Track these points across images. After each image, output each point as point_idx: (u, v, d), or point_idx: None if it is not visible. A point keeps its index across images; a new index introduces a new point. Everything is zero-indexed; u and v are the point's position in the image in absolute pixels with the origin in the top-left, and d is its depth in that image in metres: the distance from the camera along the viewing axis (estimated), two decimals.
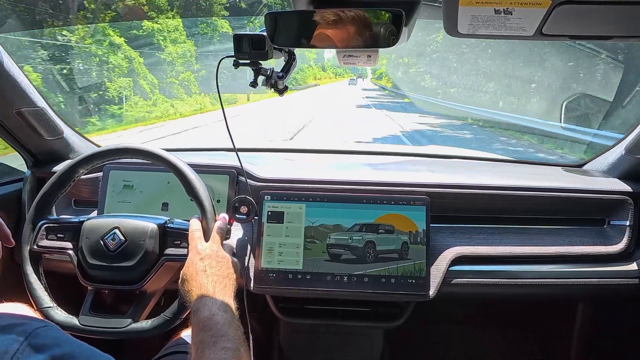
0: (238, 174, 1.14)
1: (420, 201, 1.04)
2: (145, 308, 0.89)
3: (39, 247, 0.89)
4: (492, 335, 1.61)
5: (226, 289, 0.77)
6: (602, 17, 0.57)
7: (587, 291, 1.09)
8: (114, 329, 0.84)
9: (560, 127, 6.72)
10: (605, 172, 1.25)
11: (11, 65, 1.01)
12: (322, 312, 1.13)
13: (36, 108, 1.10)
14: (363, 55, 0.80)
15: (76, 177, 0.94)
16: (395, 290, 1.00)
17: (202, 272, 0.77)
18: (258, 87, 0.96)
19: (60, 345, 0.48)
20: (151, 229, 0.88)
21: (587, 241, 1.09)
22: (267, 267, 1.02)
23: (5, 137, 1.14)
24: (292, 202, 1.06)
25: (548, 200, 1.11)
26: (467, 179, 1.12)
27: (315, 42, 0.74)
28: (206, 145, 1.53)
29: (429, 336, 1.59)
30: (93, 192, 1.18)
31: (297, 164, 1.44)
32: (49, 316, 0.85)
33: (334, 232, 1.04)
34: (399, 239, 1.02)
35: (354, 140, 8.00)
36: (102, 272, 0.87)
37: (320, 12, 0.71)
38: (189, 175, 0.89)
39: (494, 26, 0.60)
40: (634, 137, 1.11)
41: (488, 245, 1.08)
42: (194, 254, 0.81)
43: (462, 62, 14.71)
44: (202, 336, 0.66)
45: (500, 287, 1.06)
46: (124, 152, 0.93)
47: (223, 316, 0.69)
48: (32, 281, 0.88)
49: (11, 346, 0.45)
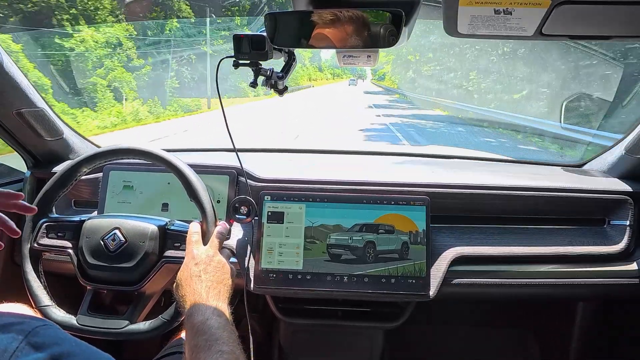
0: (238, 174, 1.14)
1: (420, 201, 1.04)
2: (143, 309, 0.89)
3: (39, 245, 0.89)
4: (492, 335, 1.61)
5: (220, 295, 0.76)
6: (602, 17, 0.57)
7: (587, 291, 1.09)
8: (111, 330, 0.84)
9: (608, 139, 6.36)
10: (605, 172, 1.25)
11: (11, 65, 1.01)
12: (322, 312, 1.13)
13: (36, 109, 1.11)
14: (363, 55, 0.80)
15: (77, 176, 0.94)
16: (395, 290, 1.00)
17: (196, 277, 0.77)
18: (227, 90, 0.95)
19: (59, 344, 0.48)
20: (151, 230, 0.88)
21: (587, 241, 1.09)
22: (267, 268, 1.02)
23: (5, 137, 1.14)
24: (292, 202, 1.05)
25: (548, 200, 1.11)
26: (467, 179, 1.12)
27: (315, 43, 0.75)
28: (206, 145, 1.53)
29: (429, 336, 1.59)
30: (93, 193, 1.18)
31: (297, 164, 1.44)
32: (47, 315, 0.85)
33: (334, 232, 1.04)
34: (399, 239, 1.02)
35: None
36: (102, 272, 0.87)
37: (320, 12, 0.71)
38: (190, 177, 0.89)
39: (494, 26, 0.60)
40: (634, 137, 1.11)
41: (488, 245, 1.08)
42: (189, 258, 0.81)
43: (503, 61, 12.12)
44: (196, 340, 0.65)
45: (500, 287, 1.06)
46: (125, 153, 0.93)
47: (217, 320, 0.69)
48: (31, 279, 0.88)
49: (10, 345, 0.45)
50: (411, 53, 19.06)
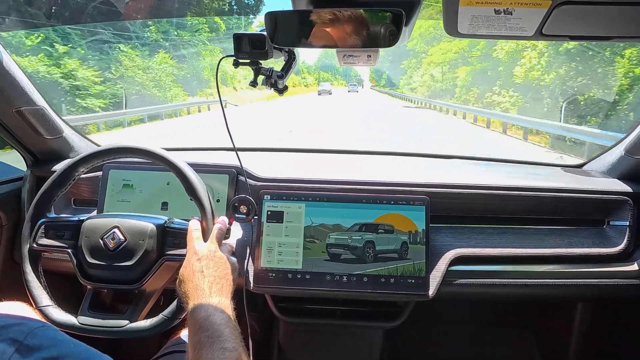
0: (238, 174, 1.14)
1: (420, 201, 1.04)
2: (144, 308, 0.89)
3: (38, 245, 0.89)
4: (492, 335, 1.61)
5: (223, 290, 0.77)
6: (602, 17, 0.57)
7: (587, 291, 1.09)
8: (112, 328, 0.84)
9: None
10: (605, 172, 1.25)
11: (11, 64, 1.01)
12: (321, 311, 1.13)
13: (36, 107, 1.10)
14: (363, 55, 0.80)
15: (76, 176, 0.94)
16: (394, 290, 1.00)
17: (198, 273, 0.77)
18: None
19: (57, 346, 0.48)
20: (151, 228, 0.88)
21: (587, 242, 1.09)
22: (266, 267, 1.02)
23: (5, 136, 1.14)
24: (292, 201, 1.05)
25: (548, 200, 1.11)
26: (467, 179, 1.12)
27: (315, 42, 0.74)
28: (206, 144, 1.53)
29: (428, 336, 1.59)
30: (93, 192, 1.18)
31: (296, 164, 1.44)
32: (47, 315, 0.85)
33: (334, 231, 1.04)
34: (398, 239, 1.02)
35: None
36: (101, 271, 0.87)
37: (320, 11, 0.71)
38: (189, 176, 0.89)
39: (494, 26, 0.60)
40: (634, 138, 1.11)
41: (487, 246, 1.08)
42: (191, 254, 0.81)
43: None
44: (199, 337, 0.66)
45: (500, 287, 1.06)
46: (125, 151, 0.93)
47: (220, 316, 0.69)
48: (31, 280, 0.88)
49: (9, 346, 0.45)
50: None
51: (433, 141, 9.13)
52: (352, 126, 11.83)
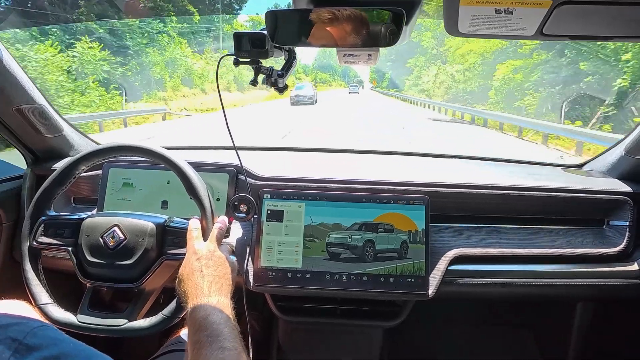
0: (238, 173, 1.14)
1: (419, 200, 1.04)
2: (143, 306, 0.89)
3: (38, 243, 0.89)
4: (491, 335, 1.61)
5: (222, 289, 0.77)
6: (602, 17, 0.57)
7: (586, 291, 1.09)
8: (112, 327, 0.84)
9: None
10: (605, 172, 1.25)
11: (11, 62, 1.01)
12: (321, 310, 1.13)
13: (36, 105, 1.10)
14: (363, 54, 0.80)
15: (76, 174, 0.94)
16: (394, 289, 1.00)
17: (198, 272, 0.77)
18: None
19: (57, 345, 0.48)
20: (151, 227, 0.88)
21: (587, 241, 1.09)
22: (266, 266, 1.02)
23: (5, 134, 1.14)
24: (292, 200, 1.05)
25: (548, 200, 1.11)
26: (467, 178, 1.12)
27: (315, 41, 0.74)
28: (206, 143, 1.53)
29: (427, 335, 1.59)
30: (93, 190, 1.18)
31: (296, 163, 1.44)
32: (47, 313, 0.85)
33: (334, 231, 1.04)
34: (398, 238, 1.02)
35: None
36: (101, 269, 0.87)
37: (320, 10, 0.71)
38: (190, 174, 0.89)
39: (495, 26, 0.60)
40: (634, 138, 1.11)
41: (487, 245, 1.08)
42: (190, 253, 0.81)
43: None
44: (198, 336, 0.66)
45: (500, 286, 1.06)
46: (125, 150, 0.93)
47: (219, 316, 0.69)
48: (30, 278, 0.88)
49: (8, 346, 0.45)
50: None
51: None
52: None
